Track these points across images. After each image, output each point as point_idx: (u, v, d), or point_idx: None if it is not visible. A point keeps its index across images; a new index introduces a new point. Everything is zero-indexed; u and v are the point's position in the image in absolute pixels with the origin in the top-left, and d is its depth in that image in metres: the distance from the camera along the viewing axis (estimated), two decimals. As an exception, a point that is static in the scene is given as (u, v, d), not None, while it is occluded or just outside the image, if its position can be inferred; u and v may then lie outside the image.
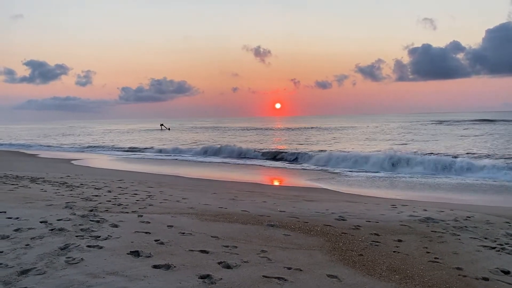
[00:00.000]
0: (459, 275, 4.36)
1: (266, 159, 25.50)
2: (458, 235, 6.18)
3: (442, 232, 6.31)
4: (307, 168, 20.13)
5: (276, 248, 4.99)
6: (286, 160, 24.57)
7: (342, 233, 6.01)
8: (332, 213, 7.72)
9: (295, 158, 24.59)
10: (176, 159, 25.30)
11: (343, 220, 7.05)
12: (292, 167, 20.96)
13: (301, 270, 4.21)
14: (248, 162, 23.88)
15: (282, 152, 26.88)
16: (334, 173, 17.89)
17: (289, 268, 4.22)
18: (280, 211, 7.77)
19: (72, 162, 22.18)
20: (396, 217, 7.52)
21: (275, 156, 26.10)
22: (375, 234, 6.06)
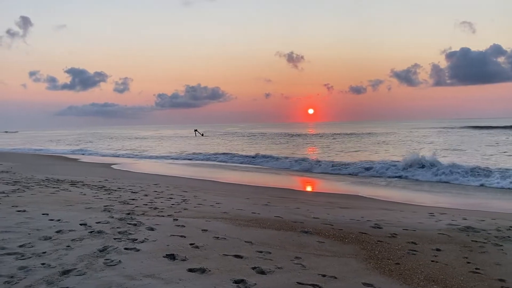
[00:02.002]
0: (501, 287, 4.19)
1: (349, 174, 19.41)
2: (501, 245, 5.94)
3: (483, 242, 6.08)
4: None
5: (310, 255, 4.95)
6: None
7: (378, 241, 5.90)
8: (367, 220, 7.58)
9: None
10: (210, 164, 25.58)
11: (379, 228, 6.92)
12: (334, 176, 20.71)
13: (336, 277, 4.16)
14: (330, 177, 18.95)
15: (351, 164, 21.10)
16: (368, 179, 17.57)
17: (324, 276, 4.18)
18: (314, 217, 7.71)
19: (112, 166, 22.83)
20: (434, 226, 7.31)
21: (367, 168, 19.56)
22: (412, 242, 5.91)
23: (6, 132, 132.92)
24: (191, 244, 5.02)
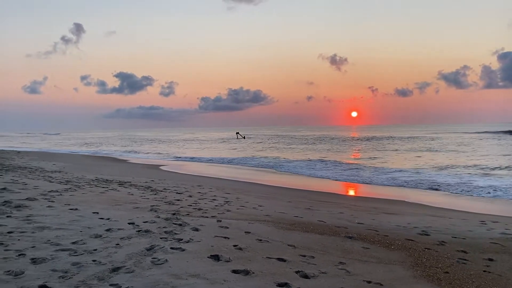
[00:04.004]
0: (562, 302, 3.94)
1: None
2: (560, 257, 5.59)
3: (541, 253, 5.74)
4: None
5: (354, 261, 4.87)
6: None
7: (426, 248, 5.72)
8: (414, 227, 7.36)
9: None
10: (252, 166, 25.71)
11: (427, 235, 6.70)
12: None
13: (381, 284, 4.06)
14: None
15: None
16: (410, 183, 17.03)
17: (369, 282, 4.10)
18: (358, 223, 7.58)
19: (160, 167, 23.48)
20: (485, 234, 6.99)
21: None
22: (462, 251, 5.68)
23: (45, 134, 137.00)
24: (234, 246, 5.07)
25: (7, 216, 6.07)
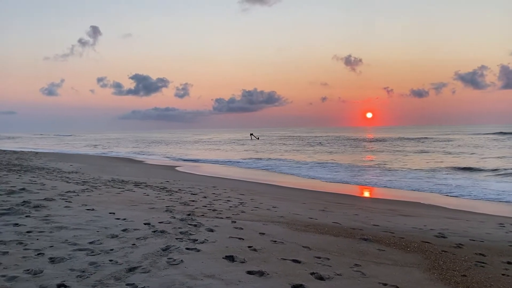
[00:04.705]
0: None
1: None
2: None
3: (562, 257, 5.62)
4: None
5: (370, 263, 4.83)
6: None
7: (442, 251, 5.65)
8: (430, 229, 7.28)
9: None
10: (266, 167, 25.71)
11: (443, 237, 6.61)
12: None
13: (397, 287, 4.03)
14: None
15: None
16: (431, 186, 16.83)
17: (385, 284, 4.07)
18: (374, 225, 7.52)
19: (176, 168, 23.67)
20: (504, 237, 6.88)
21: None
22: (480, 254, 5.59)
23: (57, 135, 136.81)
24: (249, 247, 5.07)
25: (26, 216, 6.19)
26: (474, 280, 4.43)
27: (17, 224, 5.66)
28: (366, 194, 15.73)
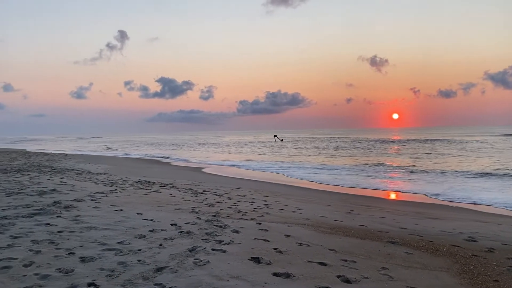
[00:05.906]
0: None
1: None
2: None
3: None
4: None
5: (397, 266, 4.76)
6: None
7: (473, 255, 5.50)
8: (460, 232, 7.11)
9: None
10: (289, 169, 25.62)
11: (474, 241, 6.45)
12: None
13: (426, 291, 3.95)
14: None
15: None
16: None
17: (413, 289, 3.99)
18: (401, 228, 7.40)
19: (201, 170, 23.89)
20: (538, 242, 6.63)
21: None
22: (513, 259, 5.42)
23: (79, 138, 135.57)
24: (274, 249, 5.07)
25: (57, 216, 6.37)
26: (507, 286, 4.31)
27: (49, 224, 5.83)
28: (393, 196, 15.47)
